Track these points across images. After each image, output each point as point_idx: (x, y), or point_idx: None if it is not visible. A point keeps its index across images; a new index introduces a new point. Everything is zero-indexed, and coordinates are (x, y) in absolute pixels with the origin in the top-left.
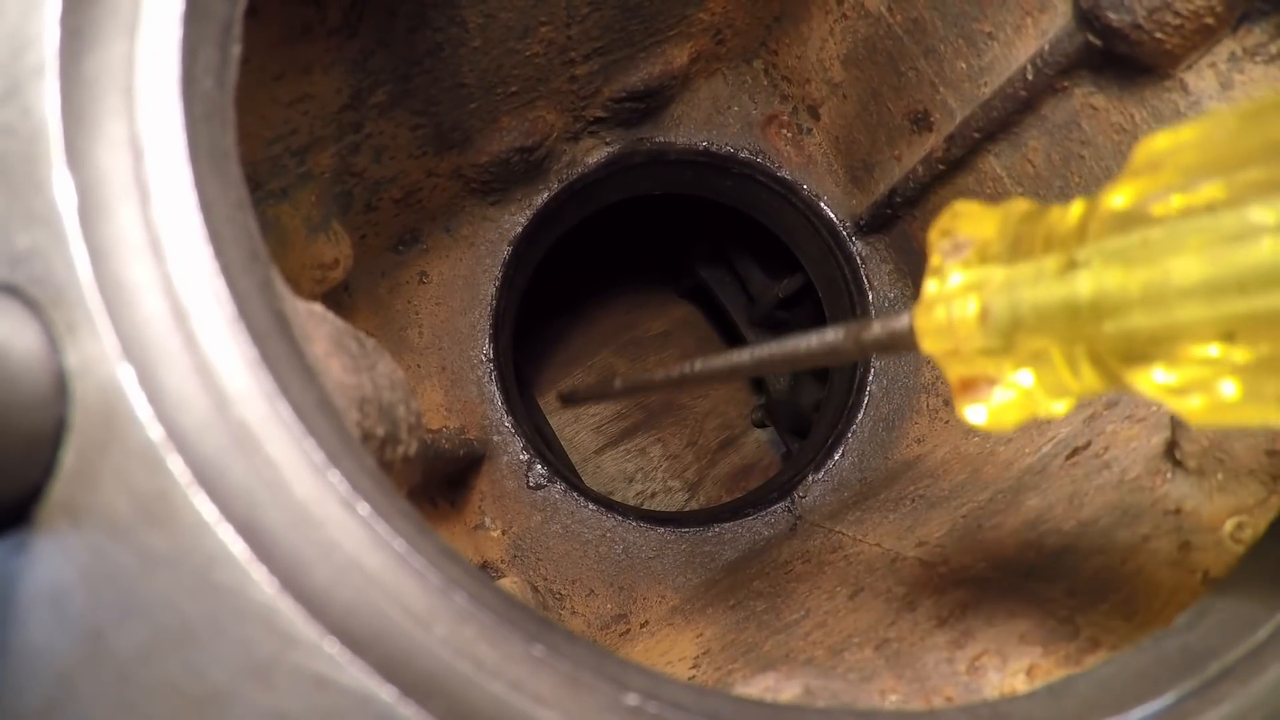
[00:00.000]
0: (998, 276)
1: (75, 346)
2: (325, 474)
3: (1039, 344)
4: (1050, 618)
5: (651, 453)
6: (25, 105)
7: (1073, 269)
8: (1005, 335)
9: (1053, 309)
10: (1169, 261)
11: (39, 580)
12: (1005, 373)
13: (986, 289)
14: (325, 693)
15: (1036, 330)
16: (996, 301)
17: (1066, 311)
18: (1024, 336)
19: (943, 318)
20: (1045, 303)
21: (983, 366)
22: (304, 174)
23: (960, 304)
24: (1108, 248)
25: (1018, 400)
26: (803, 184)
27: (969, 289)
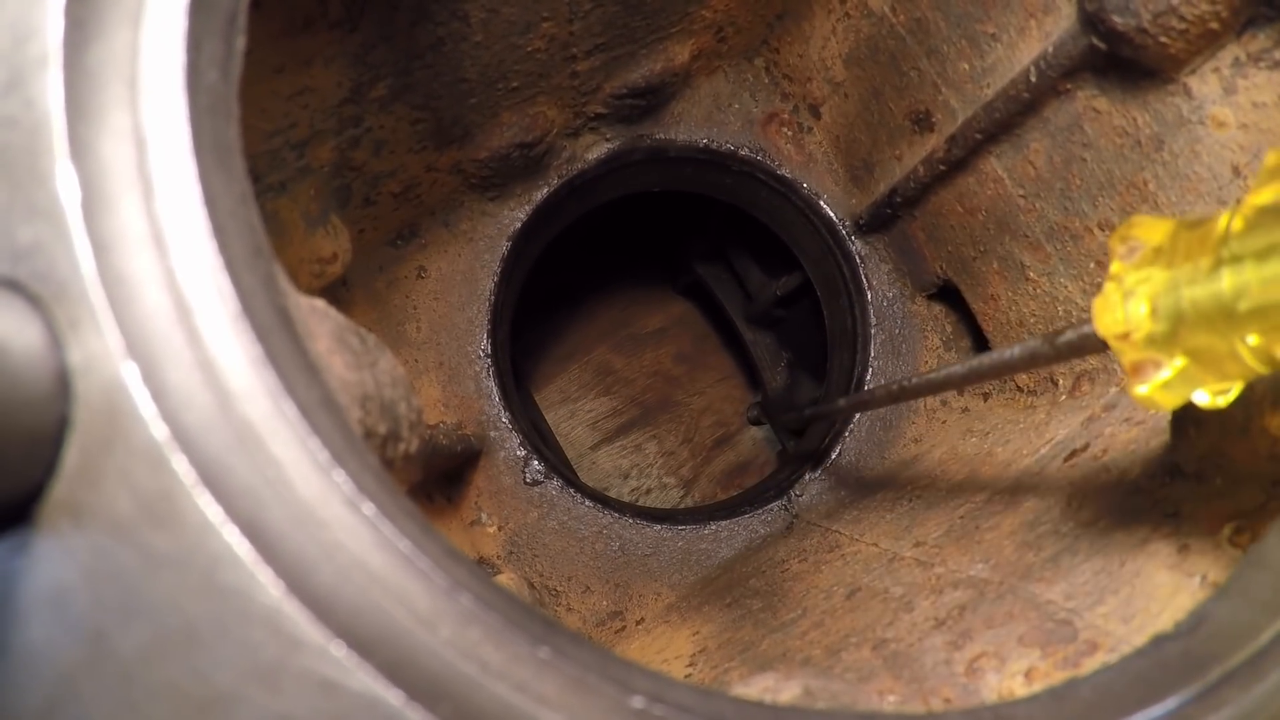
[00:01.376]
0: (1164, 277)
1: (78, 343)
2: (330, 473)
3: (1201, 336)
4: (1048, 620)
5: (647, 449)
6: (28, 96)
7: (1218, 267)
8: (1171, 328)
9: (1205, 304)
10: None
11: (40, 580)
12: (1170, 359)
13: (1155, 288)
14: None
15: (1196, 324)
16: (1163, 299)
17: (1215, 305)
18: (1187, 330)
19: (1120, 313)
20: (1199, 299)
21: (1151, 353)
22: (303, 167)
23: (1134, 302)
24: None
25: (1180, 381)
26: (802, 182)
27: (1141, 285)
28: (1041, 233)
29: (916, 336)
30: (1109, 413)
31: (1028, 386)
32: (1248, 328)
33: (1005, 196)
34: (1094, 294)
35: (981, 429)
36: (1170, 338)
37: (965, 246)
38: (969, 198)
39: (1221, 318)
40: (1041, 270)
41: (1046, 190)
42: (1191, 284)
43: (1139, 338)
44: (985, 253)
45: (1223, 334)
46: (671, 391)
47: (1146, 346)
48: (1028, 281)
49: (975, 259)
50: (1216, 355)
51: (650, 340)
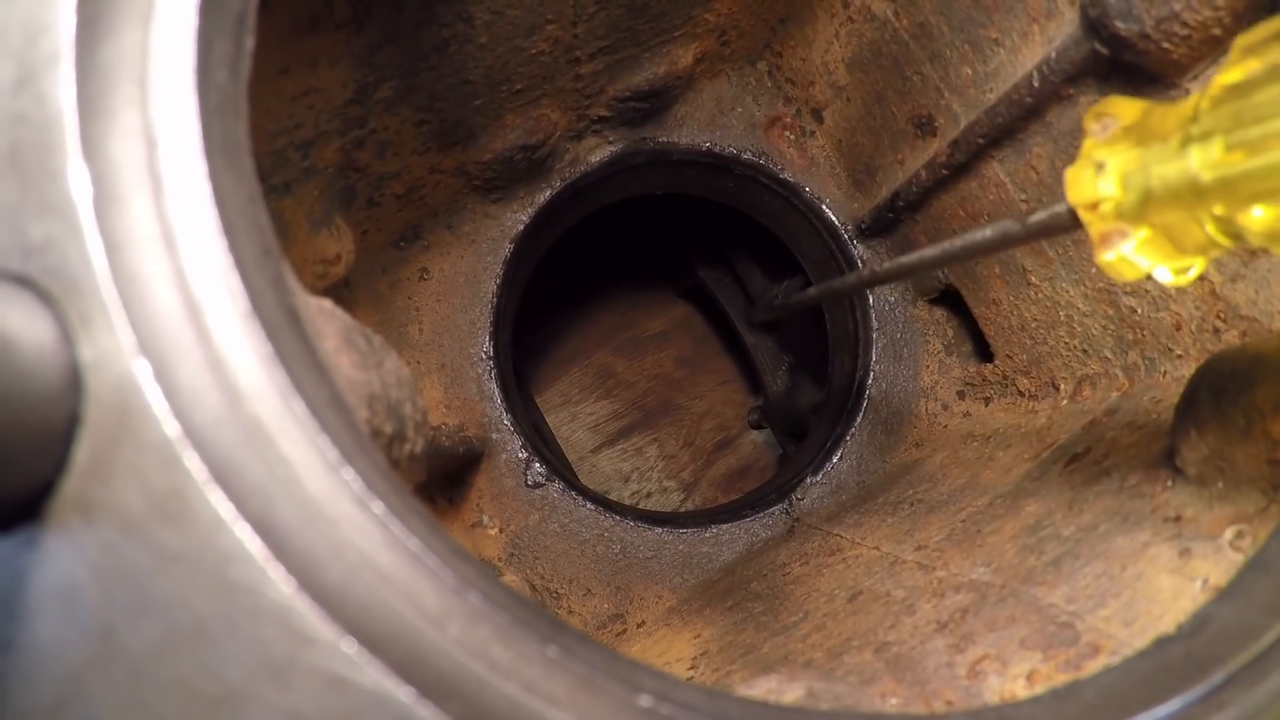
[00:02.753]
0: (1134, 153)
1: (89, 340)
2: (339, 471)
3: (1168, 211)
4: (1050, 623)
5: (648, 453)
6: (40, 93)
7: (1187, 144)
8: (1139, 201)
9: (1172, 179)
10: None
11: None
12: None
13: (1126, 164)
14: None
15: (1163, 199)
16: (1133, 175)
17: (1182, 180)
18: (1155, 204)
19: (1091, 186)
20: (1167, 174)
21: (1118, 224)
22: (308, 168)
23: (1105, 175)
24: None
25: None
26: (805, 186)
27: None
28: None
29: (918, 341)
30: (1110, 417)
31: (1029, 391)
32: (1212, 200)
33: (1007, 201)
34: (1096, 299)
35: (983, 433)
36: (1138, 210)
37: None
38: (971, 202)
39: (1188, 192)
40: (1043, 275)
41: (1048, 195)
42: (1161, 160)
43: (1108, 209)
44: (987, 257)
45: (1189, 208)
46: (673, 395)
47: (1115, 218)
48: (1029, 286)
49: (976, 263)
50: (1182, 229)
51: (652, 343)
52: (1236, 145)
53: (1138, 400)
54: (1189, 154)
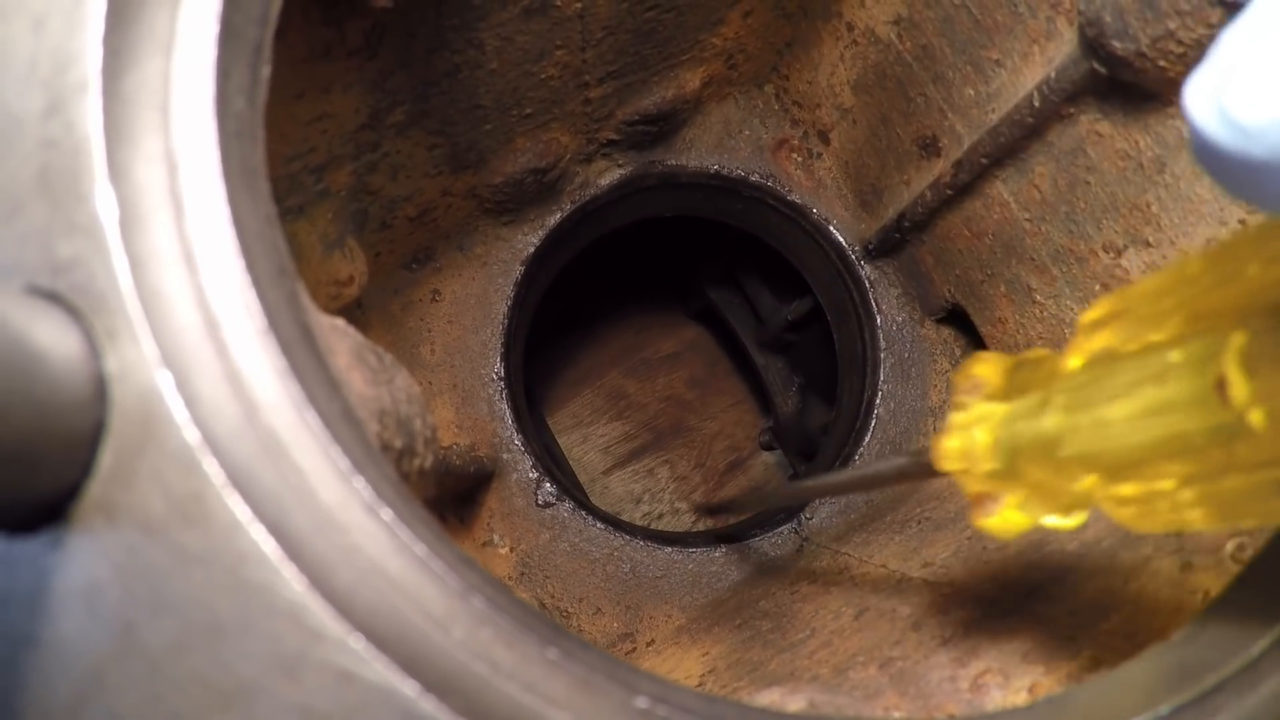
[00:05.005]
0: (1001, 412)
1: (114, 352)
2: (350, 480)
3: (1035, 470)
4: (1053, 637)
5: (659, 474)
6: (69, 120)
7: (1044, 408)
8: (1008, 461)
9: (1033, 440)
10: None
11: (73, 575)
12: (1011, 491)
13: (993, 423)
14: (350, 687)
15: (1027, 458)
16: (1000, 433)
17: (1041, 442)
18: (1023, 463)
19: (960, 446)
20: (1029, 435)
21: (992, 486)
22: (321, 191)
23: (974, 435)
24: (1066, 387)
25: (1017, 517)
26: (812, 208)
27: (980, 422)
28: (1047, 255)
29: (926, 360)
30: None
31: None
32: (1071, 467)
33: (1011, 220)
34: None
35: None
36: (1009, 472)
37: (973, 270)
38: (976, 222)
39: (1047, 456)
40: (1048, 293)
41: (1051, 213)
42: (1024, 420)
43: (979, 472)
44: (992, 276)
45: (1052, 471)
46: (684, 416)
47: (988, 481)
48: (1034, 304)
49: (983, 282)
50: (1051, 488)
51: (663, 365)
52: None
53: None
54: (1045, 417)
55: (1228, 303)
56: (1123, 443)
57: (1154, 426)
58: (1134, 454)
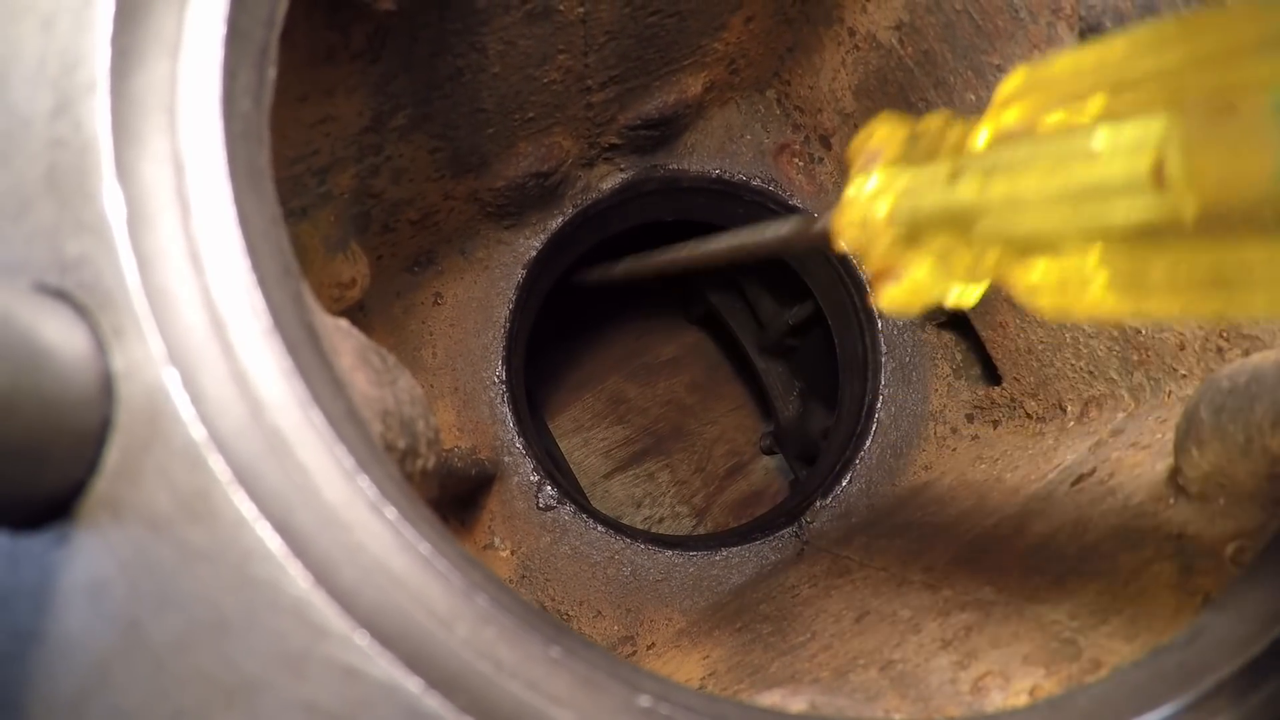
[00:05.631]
0: (902, 181)
1: (121, 350)
2: (355, 479)
3: (939, 240)
4: (1053, 640)
5: (660, 478)
6: (77, 120)
7: (956, 177)
8: (910, 232)
9: (941, 211)
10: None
11: (79, 571)
12: (912, 263)
13: (894, 192)
14: (355, 683)
15: (933, 228)
16: (901, 203)
17: (951, 214)
18: (925, 234)
19: (858, 217)
20: (936, 206)
21: (894, 259)
22: (324, 194)
23: (873, 205)
24: (981, 161)
25: (921, 284)
26: (814, 212)
27: (880, 192)
28: None
29: (927, 364)
30: (1116, 438)
31: (1037, 413)
32: (980, 238)
33: None
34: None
35: (991, 455)
36: (912, 239)
37: None
38: None
39: (956, 225)
40: None
41: None
42: (929, 190)
43: (880, 244)
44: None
45: (957, 239)
46: (684, 420)
47: (888, 252)
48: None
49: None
50: (957, 257)
51: (664, 369)
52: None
53: (1143, 420)
54: (957, 187)
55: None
56: (1041, 222)
57: (1078, 207)
58: (1050, 234)
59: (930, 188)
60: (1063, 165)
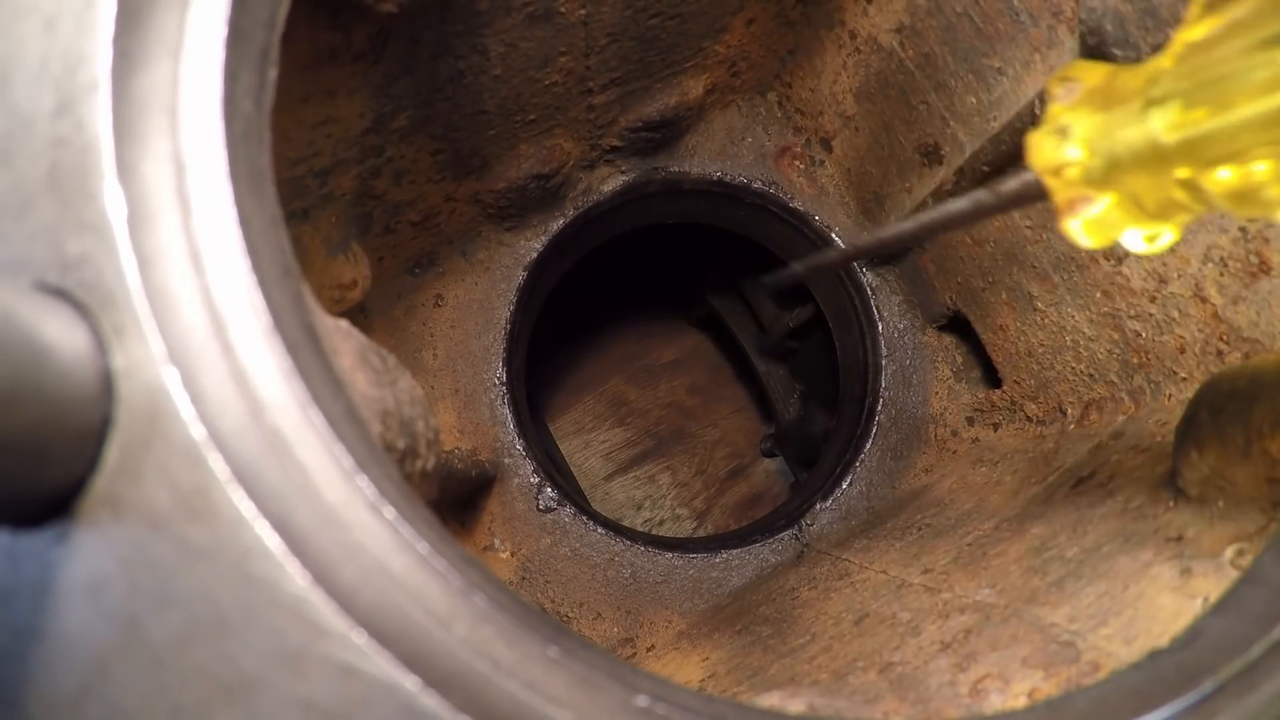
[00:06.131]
0: (1098, 118)
1: (122, 349)
2: (353, 479)
3: (1133, 176)
4: (1052, 642)
5: (660, 480)
6: (79, 119)
7: (1149, 106)
8: (1105, 167)
9: (1135, 143)
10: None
11: (78, 569)
12: (1102, 198)
13: (1089, 130)
14: (353, 681)
15: (1129, 164)
16: (1097, 140)
17: (1145, 144)
18: (1120, 170)
19: (1054, 154)
20: (1130, 138)
21: (1084, 190)
22: (325, 195)
23: (1070, 141)
24: (1174, 83)
25: (1112, 217)
26: (814, 215)
27: (1076, 128)
28: (1048, 263)
29: (927, 367)
30: (1116, 440)
31: (1037, 416)
32: (1176, 163)
33: (1012, 228)
34: (1101, 324)
35: (991, 458)
36: (1104, 176)
37: (974, 278)
38: (977, 228)
39: (1151, 156)
40: (1049, 300)
41: (1053, 221)
42: (1124, 124)
43: (1073, 174)
44: (994, 283)
45: (1154, 172)
46: (685, 423)
47: (1081, 184)
48: (1035, 312)
49: (984, 290)
50: (1149, 194)
51: (665, 372)
52: (1196, 104)
53: (1143, 423)
54: (1150, 116)
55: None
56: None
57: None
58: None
59: (1127, 122)
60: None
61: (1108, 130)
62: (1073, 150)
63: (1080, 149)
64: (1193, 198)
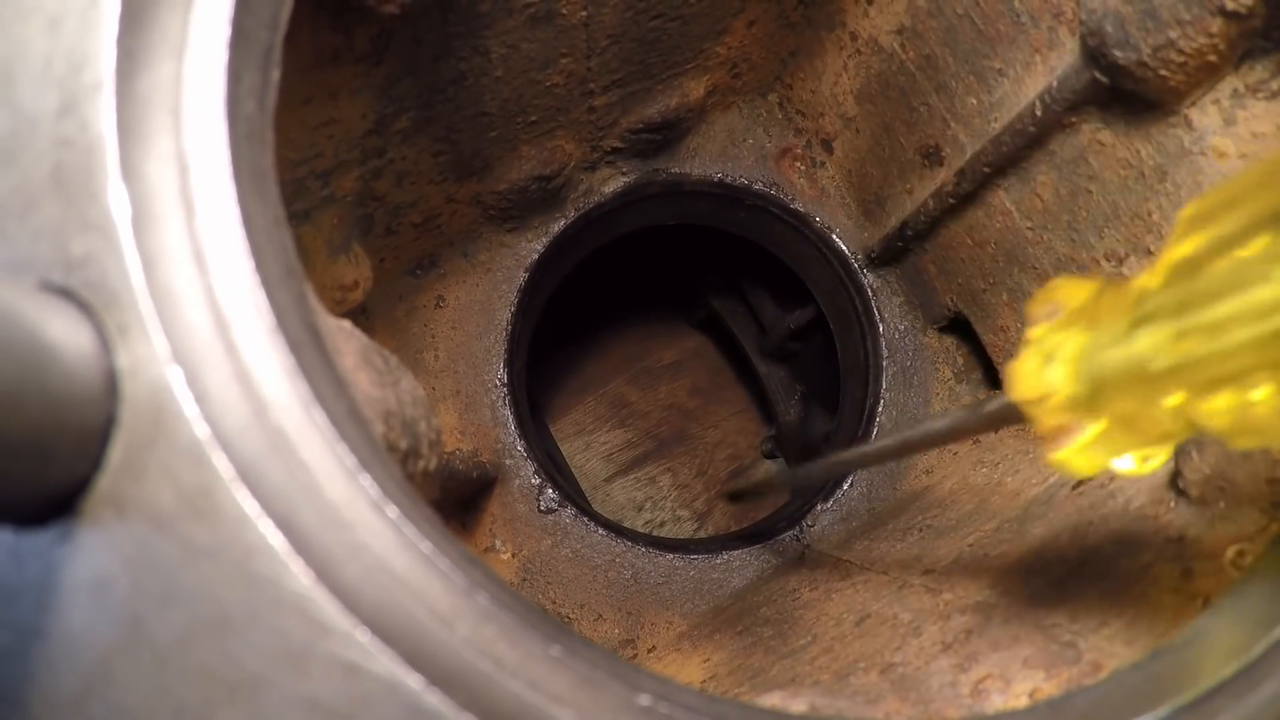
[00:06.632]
0: (1083, 339)
1: (126, 348)
2: (357, 478)
3: (1121, 399)
4: (1054, 642)
5: (661, 482)
6: (83, 120)
7: (1135, 327)
8: (1091, 391)
9: (1122, 365)
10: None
11: (82, 568)
12: (1090, 422)
13: (1074, 351)
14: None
15: (1116, 386)
16: (1082, 363)
17: (1132, 366)
18: (1107, 393)
19: (1037, 381)
20: (1117, 360)
21: (1070, 417)
22: (327, 196)
23: (1054, 366)
24: (1160, 304)
25: (1100, 444)
26: (815, 216)
27: (1060, 347)
28: (1050, 264)
29: (928, 369)
30: None
31: None
32: (1164, 388)
33: (1013, 229)
34: None
35: (992, 460)
36: (1091, 401)
37: (975, 279)
38: (978, 230)
39: (1139, 379)
40: None
41: (1054, 222)
42: (1110, 345)
43: (1057, 401)
44: (995, 285)
45: (1142, 396)
46: (686, 425)
47: (1066, 410)
48: None
49: (985, 291)
50: (1138, 418)
51: (665, 373)
52: (1186, 331)
53: None
54: (1137, 338)
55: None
56: (1230, 342)
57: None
58: (1240, 356)
59: (1111, 342)
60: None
61: (1093, 353)
62: (1057, 376)
63: (1065, 374)
64: (1185, 426)
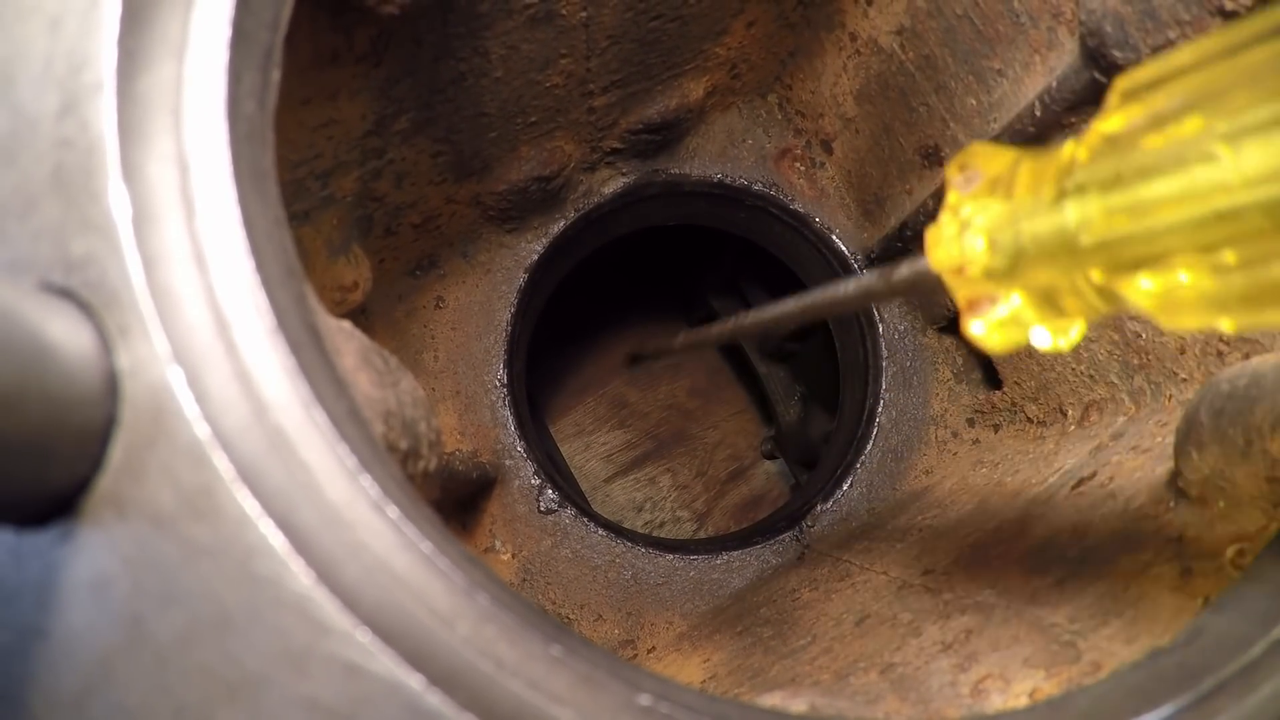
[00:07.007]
0: (1003, 209)
1: (126, 348)
2: (357, 478)
3: (1042, 271)
4: (1053, 642)
5: (661, 482)
6: (84, 120)
7: (1062, 198)
8: (1009, 263)
9: (1046, 237)
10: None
11: (82, 568)
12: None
13: (993, 221)
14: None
15: (1036, 258)
16: (1002, 233)
17: (1057, 239)
18: (1027, 265)
19: (955, 246)
20: (1040, 232)
21: (988, 288)
22: (326, 197)
23: (971, 234)
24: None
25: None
26: (815, 217)
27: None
28: None
29: (928, 369)
30: (1116, 441)
31: (1037, 417)
32: (1091, 263)
33: None
34: (1101, 325)
35: (992, 460)
36: (1009, 272)
37: None
38: None
39: (1064, 252)
40: None
41: None
42: (1032, 216)
43: (975, 272)
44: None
45: (1065, 269)
46: (686, 425)
47: (983, 281)
48: None
49: None
50: (1058, 291)
51: (665, 374)
52: (1119, 207)
53: (1143, 424)
54: (1064, 210)
55: None
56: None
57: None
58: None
59: (1035, 213)
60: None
61: (1013, 221)
62: (974, 244)
63: (983, 241)
64: (1107, 300)
